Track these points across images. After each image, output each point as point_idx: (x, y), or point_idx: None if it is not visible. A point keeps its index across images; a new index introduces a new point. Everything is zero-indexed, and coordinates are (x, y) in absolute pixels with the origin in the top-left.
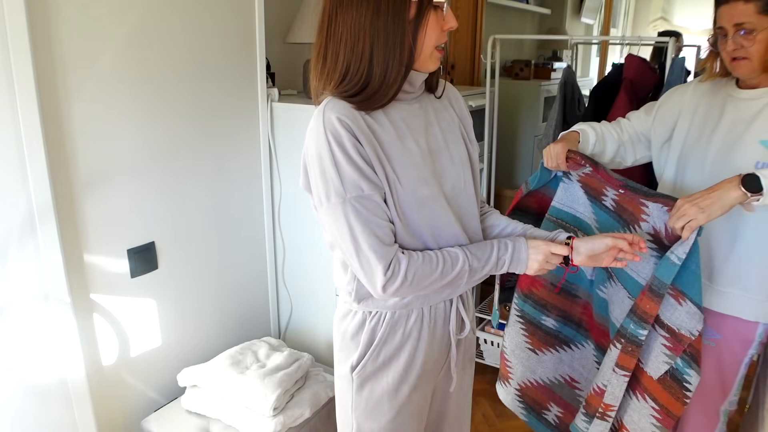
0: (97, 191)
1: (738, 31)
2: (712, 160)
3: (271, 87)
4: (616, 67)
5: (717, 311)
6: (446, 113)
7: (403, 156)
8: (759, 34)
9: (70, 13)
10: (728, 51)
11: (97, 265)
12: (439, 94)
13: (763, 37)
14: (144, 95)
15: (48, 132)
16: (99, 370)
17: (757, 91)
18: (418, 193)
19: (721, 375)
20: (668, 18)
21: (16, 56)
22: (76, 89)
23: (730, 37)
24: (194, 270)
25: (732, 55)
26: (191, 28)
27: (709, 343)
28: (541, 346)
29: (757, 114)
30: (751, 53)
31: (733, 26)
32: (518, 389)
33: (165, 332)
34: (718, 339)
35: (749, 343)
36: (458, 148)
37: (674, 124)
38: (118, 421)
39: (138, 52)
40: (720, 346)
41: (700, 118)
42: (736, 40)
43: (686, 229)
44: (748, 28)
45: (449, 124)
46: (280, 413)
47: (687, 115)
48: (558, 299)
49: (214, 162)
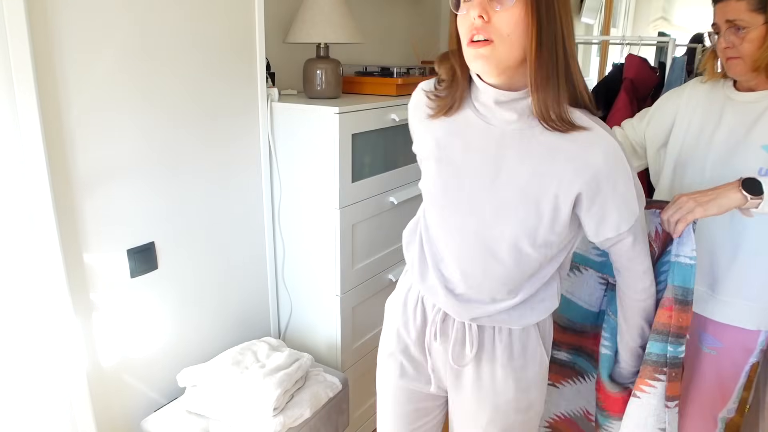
0: (97, 191)
1: (730, 28)
2: (712, 164)
3: (271, 87)
4: (616, 67)
5: (719, 321)
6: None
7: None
8: (750, 32)
9: (70, 14)
10: (721, 50)
11: (97, 265)
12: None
13: (755, 36)
14: (144, 95)
15: (48, 132)
16: (99, 370)
17: (755, 94)
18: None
19: (721, 383)
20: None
21: (16, 56)
22: (76, 89)
23: (722, 35)
24: (194, 270)
25: (726, 55)
26: (191, 28)
27: (711, 351)
28: (560, 378)
29: (758, 118)
30: (742, 52)
31: (725, 23)
32: (547, 426)
33: (165, 332)
34: (720, 347)
35: (750, 352)
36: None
37: (670, 128)
38: (118, 421)
39: (138, 52)
40: (721, 354)
41: (698, 122)
42: (727, 38)
43: (681, 221)
44: (739, 26)
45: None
46: (280, 413)
47: (684, 119)
48: (566, 336)
49: (214, 162)
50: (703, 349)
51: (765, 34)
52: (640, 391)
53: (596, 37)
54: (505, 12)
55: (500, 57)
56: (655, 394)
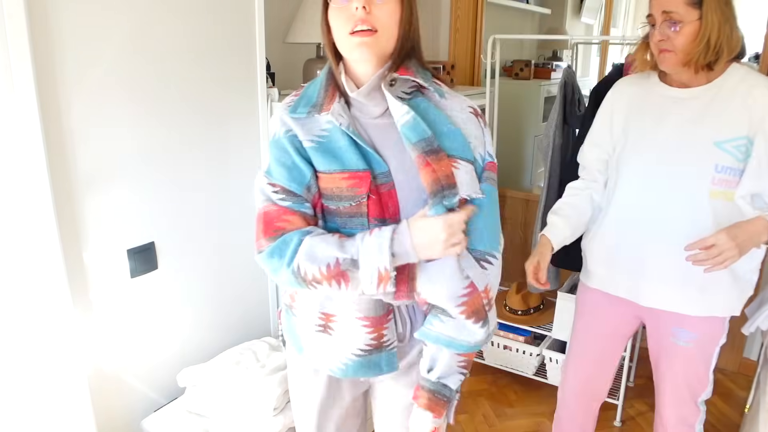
0: (97, 191)
1: (665, 21)
2: (657, 161)
3: (271, 87)
4: (616, 67)
5: (694, 315)
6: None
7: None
8: (684, 26)
9: (70, 14)
10: (655, 42)
11: (97, 265)
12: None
13: (688, 31)
14: (144, 95)
15: (48, 132)
16: (99, 370)
17: (693, 90)
18: None
19: (697, 371)
20: None
21: (16, 56)
22: (76, 89)
23: (658, 27)
24: (194, 270)
25: (659, 47)
26: (191, 28)
27: (687, 344)
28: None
29: (702, 114)
30: (675, 45)
31: (661, 14)
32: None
33: (165, 332)
34: (695, 339)
35: (719, 335)
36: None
37: (610, 128)
38: (118, 421)
39: (138, 53)
40: (696, 345)
41: (635, 120)
42: (662, 31)
43: (724, 265)
44: (674, 19)
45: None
46: (280, 413)
47: (619, 115)
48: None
49: (215, 162)
50: (680, 344)
51: (698, 29)
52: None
53: (596, 37)
54: (384, 5)
55: (382, 45)
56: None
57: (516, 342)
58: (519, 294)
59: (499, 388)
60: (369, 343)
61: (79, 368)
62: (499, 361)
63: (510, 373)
